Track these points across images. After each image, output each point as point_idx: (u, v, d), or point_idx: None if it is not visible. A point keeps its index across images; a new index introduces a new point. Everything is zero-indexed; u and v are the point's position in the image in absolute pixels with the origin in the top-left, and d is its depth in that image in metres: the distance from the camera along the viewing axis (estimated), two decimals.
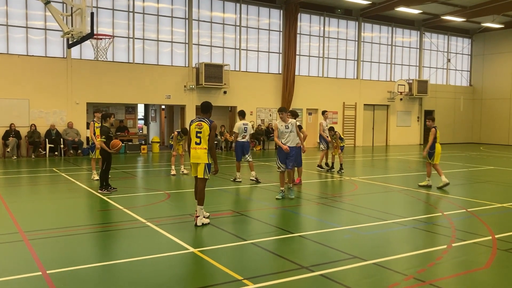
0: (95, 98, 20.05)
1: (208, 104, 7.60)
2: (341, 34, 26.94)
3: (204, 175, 7.35)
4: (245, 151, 12.22)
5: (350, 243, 6.58)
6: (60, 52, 19.35)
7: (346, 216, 8.51)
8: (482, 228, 7.45)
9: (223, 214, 8.28)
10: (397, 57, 29.44)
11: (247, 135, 12.29)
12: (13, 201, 9.49)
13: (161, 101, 22.23)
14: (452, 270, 5.54)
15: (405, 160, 19.46)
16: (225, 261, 5.63)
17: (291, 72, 24.37)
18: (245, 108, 23.88)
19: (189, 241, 6.51)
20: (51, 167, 15.42)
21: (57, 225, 7.49)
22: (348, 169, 15.22)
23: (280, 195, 9.74)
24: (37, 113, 18.96)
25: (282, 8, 24.43)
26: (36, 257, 5.70)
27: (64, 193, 10.68)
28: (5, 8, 18.30)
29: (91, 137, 12.17)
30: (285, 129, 9.70)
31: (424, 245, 6.52)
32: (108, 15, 20.23)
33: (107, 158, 10.36)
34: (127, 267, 5.45)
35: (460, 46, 32.38)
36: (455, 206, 9.35)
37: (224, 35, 23.23)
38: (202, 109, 7.61)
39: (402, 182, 12.80)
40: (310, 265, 5.48)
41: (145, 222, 7.55)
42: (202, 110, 7.59)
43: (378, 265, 5.53)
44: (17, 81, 18.48)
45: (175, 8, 21.87)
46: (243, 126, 12.18)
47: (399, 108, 29.52)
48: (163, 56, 21.73)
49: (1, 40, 18.32)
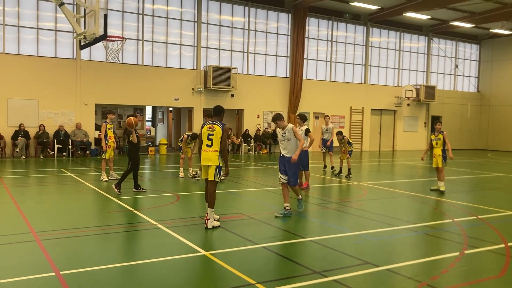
0: (103, 99, 20.15)
1: (220, 107, 7.63)
2: (349, 38, 26.95)
3: (215, 177, 7.36)
4: None
5: (362, 248, 6.56)
6: (69, 53, 19.47)
7: (355, 221, 8.49)
8: (494, 235, 7.42)
9: (232, 217, 8.28)
10: (405, 62, 29.40)
11: None
12: (23, 201, 9.54)
13: (169, 103, 22.31)
14: (466, 277, 5.51)
15: (412, 166, 19.40)
16: (237, 265, 5.63)
17: (298, 75, 24.38)
18: (252, 111, 24.15)
19: (200, 243, 6.52)
20: (60, 168, 15.49)
21: (68, 226, 7.52)
22: (356, 174, 15.20)
23: (281, 213, 8.33)
24: (46, 114, 19.08)
25: (291, 12, 24.48)
26: (49, 258, 5.72)
27: (74, 194, 10.73)
28: (17, 9, 18.45)
29: (102, 138, 12.28)
30: (282, 137, 8.50)
31: (436, 251, 6.49)
32: (118, 17, 20.35)
33: (133, 158, 10.45)
34: (139, 269, 5.46)
35: (468, 52, 32.29)
36: (464, 212, 9.31)
37: (233, 38, 23.30)
38: (214, 112, 7.64)
39: (410, 187, 12.76)
40: (322, 270, 5.47)
41: (155, 224, 7.57)
42: (215, 113, 7.62)
43: (390, 271, 5.52)
44: (27, 81, 18.61)
45: (184, 11, 21.96)
46: None
47: (406, 114, 29.45)
48: (172, 58, 21.82)
49: (12, 41, 18.47)
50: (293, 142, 8.40)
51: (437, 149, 11.94)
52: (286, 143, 8.46)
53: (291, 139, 8.40)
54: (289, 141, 8.43)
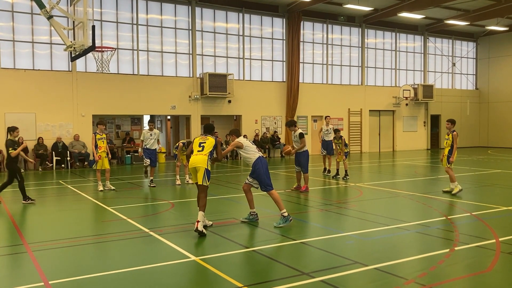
0: (100, 110, 20.23)
1: (211, 125, 8.12)
2: (345, 41, 27.00)
3: (203, 182, 7.41)
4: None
5: (352, 248, 6.56)
6: (65, 66, 19.59)
7: (349, 222, 8.49)
8: (487, 231, 7.39)
9: (225, 222, 8.29)
10: (402, 62, 29.40)
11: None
12: (18, 213, 9.58)
13: (166, 112, 22.37)
14: (454, 273, 5.50)
15: (411, 165, 19.36)
16: (226, 269, 5.64)
17: (295, 79, 24.43)
18: (250, 117, 24.20)
19: (191, 249, 6.53)
20: (58, 180, 15.54)
21: (60, 236, 7.55)
22: (354, 175, 15.18)
23: (280, 224, 7.84)
24: (43, 126, 19.16)
25: (285, 17, 24.56)
26: (39, 268, 5.75)
27: (69, 204, 10.76)
28: (12, 24, 18.60)
29: (93, 149, 12.31)
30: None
31: (426, 249, 6.47)
32: (112, 28, 20.47)
33: (13, 172, 10.61)
34: (128, 277, 5.47)
35: (465, 49, 32.28)
36: (460, 210, 9.29)
37: (228, 44, 23.39)
38: (205, 130, 7.99)
39: (408, 187, 12.74)
40: (311, 271, 5.47)
41: (148, 231, 7.59)
42: (206, 131, 7.96)
43: (379, 270, 5.51)
44: (24, 95, 18.71)
45: (179, 20, 22.08)
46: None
47: (405, 113, 29.42)
48: (168, 67, 21.91)
49: (8, 56, 18.60)
50: (248, 153, 8.69)
51: (446, 148, 11.66)
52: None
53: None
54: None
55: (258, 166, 7.99)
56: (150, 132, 13.52)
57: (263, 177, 7.97)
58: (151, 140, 13.43)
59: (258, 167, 7.97)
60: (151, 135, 13.45)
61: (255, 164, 8.02)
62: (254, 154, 8.08)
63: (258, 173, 7.97)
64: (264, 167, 8.01)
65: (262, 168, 7.98)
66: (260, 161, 8.03)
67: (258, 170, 7.97)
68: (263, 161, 8.11)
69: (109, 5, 20.41)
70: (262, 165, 8.01)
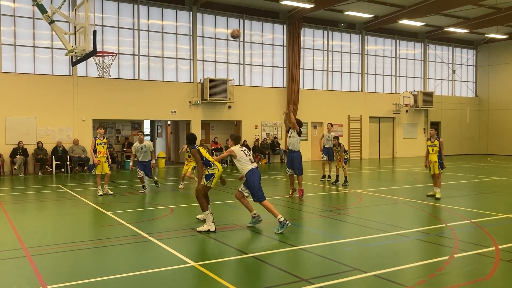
0: (101, 114, 20.25)
1: (192, 135, 8.41)
2: (345, 47, 27.08)
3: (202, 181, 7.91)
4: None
5: (351, 255, 6.55)
6: (66, 70, 19.64)
7: (349, 229, 8.48)
8: (486, 238, 7.39)
9: (225, 228, 8.28)
10: (402, 69, 29.48)
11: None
12: (18, 218, 9.56)
13: (167, 117, 22.40)
14: (453, 280, 5.49)
15: (411, 172, 19.36)
16: (225, 275, 5.64)
17: (295, 86, 24.48)
18: (250, 122, 24.23)
19: (190, 255, 6.52)
20: (57, 184, 15.54)
21: (59, 240, 7.54)
22: (353, 182, 15.17)
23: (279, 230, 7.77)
24: (44, 131, 19.18)
25: (286, 23, 24.65)
26: (37, 272, 5.74)
27: (69, 209, 10.74)
28: (13, 29, 18.67)
29: (92, 154, 12.29)
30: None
31: (425, 256, 6.47)
32: (113, 33, 20.54)
33: None
34: (127, 282, 5.46)
35: (464, 57, 32.37)
36: (459, 217, 9.28)
37: (228, 50, 23.46)
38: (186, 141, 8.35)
39: (408, 194, 12.74)
40: (310, 278, 5.46)
41: (147, 236, 7.58)
42: (189, 142, 8.25)
43: (378, 276, 5.50)
44: (24, 99, 18.74)
45: (180, 25, 22.15)
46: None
47: (405, 120, 29.46)
48: (168, 72, 21.96)
49: (9, 60, 18.65)
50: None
51: (432, 155, 11.85)
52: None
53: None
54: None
55: (250, 178, 8.03)
56: (140, 145, 12.63)
57: (255, 189, 8.01)
58: (142, 153, 12.63)
59: (250, 179, 8.02)
60: (141, 148, 12.60)
61: (247, 176, 8.07)
62: (247, 165, 8.07)
63: (250, 185, 8.03)
64: (256, 179, 8.02)
65: (254, 180, 8.00)
66: (252, 173, 8.04)
67: (250, 182, 8.02)
68: (256, 172, 8.10)
69: (110, 10, 20.50)
70: (254, 177, 8.03)
